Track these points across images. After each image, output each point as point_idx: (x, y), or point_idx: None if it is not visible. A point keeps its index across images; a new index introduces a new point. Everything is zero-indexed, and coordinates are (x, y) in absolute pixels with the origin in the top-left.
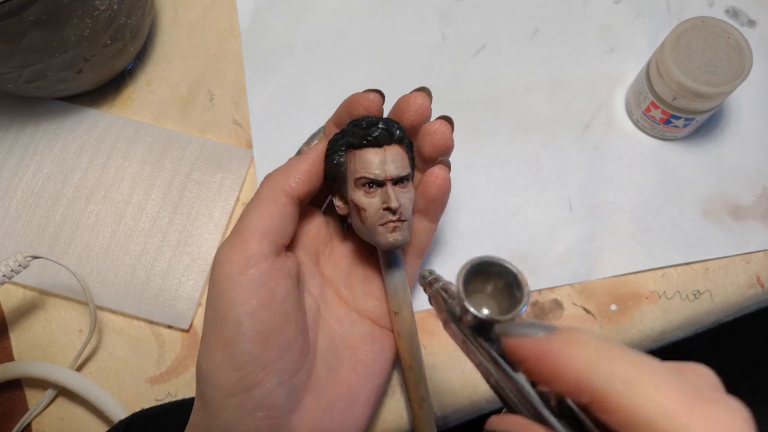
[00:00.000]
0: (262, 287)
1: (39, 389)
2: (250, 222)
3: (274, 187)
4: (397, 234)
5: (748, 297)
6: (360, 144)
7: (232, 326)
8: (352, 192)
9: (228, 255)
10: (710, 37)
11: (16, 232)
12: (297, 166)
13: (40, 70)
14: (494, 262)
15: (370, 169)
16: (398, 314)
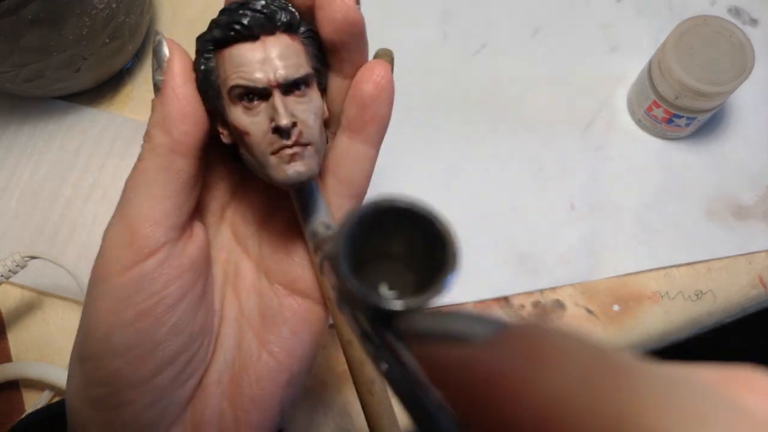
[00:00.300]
0: (144, 293)
1: (36, 390)
2: (137, 205)
3: (159, 152)
4: (298, 164)
5: (750, 297)
6: (227, 37)
7: (98, 341)
8: (230, 111)
9: (107, 249)
10: (712, 36)
11: (14, 231)
12: (170, 111)
13: (39, 69)
14: (395, 207)
15: (245, 73)
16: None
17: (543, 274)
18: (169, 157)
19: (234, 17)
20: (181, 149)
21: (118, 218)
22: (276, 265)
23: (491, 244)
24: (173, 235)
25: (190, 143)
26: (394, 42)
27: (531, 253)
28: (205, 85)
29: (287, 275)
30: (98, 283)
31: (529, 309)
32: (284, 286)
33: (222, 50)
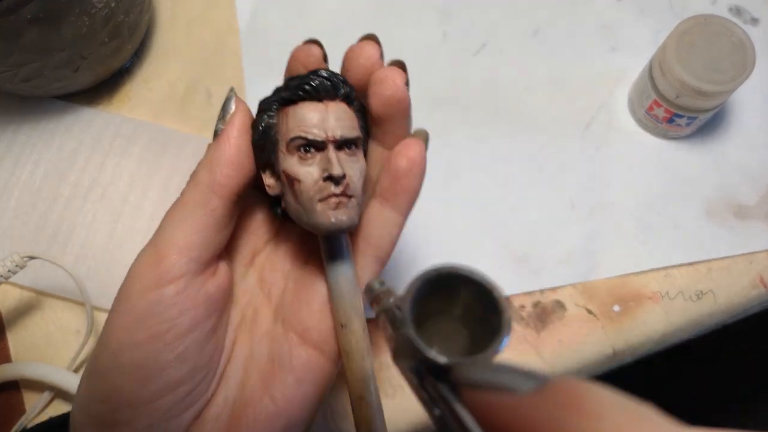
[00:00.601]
0: (158, 317)
1: (36, 391)
2: (169, 234)
3: (200, 189)
4: (341, 212)
5: (751, 298)
6: (294, 97)
7: (108, 356)
8: (284, 160)
9: (135, 270)
10: (713, 35)
11: (14, 231)
12: (219, 155)
13: (37, 68)
14: (461, 274)
15: (306, 127)
16: (345, 327)
17: (543, 274)
18: (207, 195)
19: (305, 80)
20: (219, 190)
21: (150, 243)
22: (293, 314)
23: (491, 244)
24: (195, 267)
25: (228, 186)
26: (394, 42)
27: (531, 253)
28: (264, 139)
29: (302, 324)
30: (120, 300)
31: (529, 309)
32: (298, 334)
33: (286, 108)
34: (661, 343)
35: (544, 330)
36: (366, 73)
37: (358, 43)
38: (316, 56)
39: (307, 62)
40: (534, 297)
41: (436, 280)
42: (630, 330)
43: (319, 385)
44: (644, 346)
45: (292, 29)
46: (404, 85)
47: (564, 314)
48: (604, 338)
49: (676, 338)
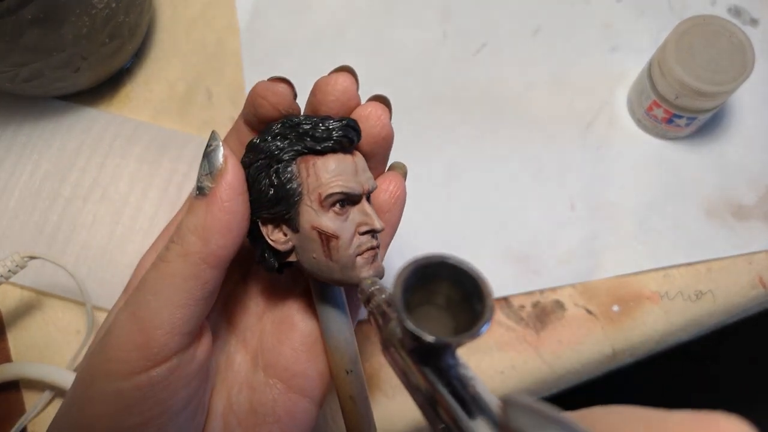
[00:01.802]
0: (150, 401)
1: (36, 391)
2: (155, 310)
3: (191, 260)
4: (377, 265)
5: (750, 298)
6: (326, 150)
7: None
8: (316, 216)
9: (114, 349)
10: (713, 35)
11: (14, 231)
12: (213, 222)
13: (38, 68)
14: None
15: (344, 181)
16: (352, 373)
17: (543, 274)
18: (200, 266)
19: (336, 131)
20: (214, 261)
21: (129, 317)
22: (277, 359)
23: (491, 244)
24: (187, 342)
25: (224, 257)
26: (394, 42)
27: (531, 253)
28: (280, 193)
29: (288, 370)
30: (99, 381)
31: (529, 309)
32: (282, 381)
33: (307, 159)
34: (661, 343)
35: (544, 330)
36: (341, 106)
37: (332, 74)
38: (285, 96)
39: (275, 102)
40: (534, 297)
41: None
42: (629, 330)
43: (305, 431)
44: (644, 346)
45: (292, 29)
46: (389, 122)
47: (564, 314)
48: (604, 338)
49: (676, 338)
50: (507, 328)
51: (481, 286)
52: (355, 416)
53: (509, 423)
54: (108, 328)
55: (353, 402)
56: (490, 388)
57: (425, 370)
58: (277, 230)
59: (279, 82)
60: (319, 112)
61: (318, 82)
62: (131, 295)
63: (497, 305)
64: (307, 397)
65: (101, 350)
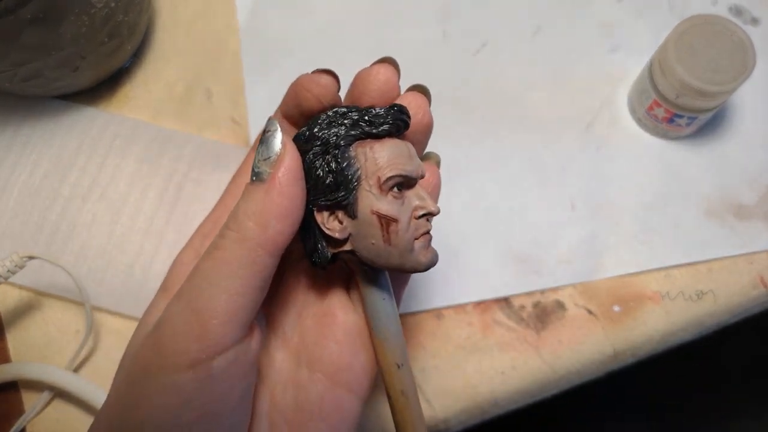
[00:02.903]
0: (209, 394)
1: (35, 391)
2: (211, 298)
3: (247, 245)
4: (433, 249)
5: (751, 298)
6: (383, 134)
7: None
8: (376, 200)
9: (170, 341)
10: (713, 35)
11: (13, 231)
12: (272, 207)
13: (37, 68)
14: None
15: (401, 164)
16: (402, 367)
17: (543, 274)
18: (257, 253)
19: (395, 116)
20: (271, 247)
21: (185, 306)
22: (320, 354)
23: (491, 244)
24: (243, 333)
25: (281, 242)
26: (394, 42)
27: (531, 253)
28: (339, 179)
29: (333, 365)
30: (155, 375)
31: (530, 309)
32: (327, 376)
33: (364, 144)
34: (662, 344)
35: (544, 330)
36: (383, 96)
37: (375, 66)
38: (329, 88)
39: (320, 94)
40: (534, 297)
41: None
42: (630, 330)
43: (351, 428)
44: (645, 346)
45: (292, 29)
46: (429, 110)
47: (564, 314)
48: (605, 338)
49: (677, 338)
50: (507, 329)
51: None
52: (407, 412)
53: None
54: (159, 321)
55: (405, 397)
56: (490, 389)
57: None
58: (332, 217)
59: (323, 74)
60: (361, 103)
61: (360, 74)
62: (183, 286)
63: (497, 305)
64: (353, 392)
65: (154, 344)
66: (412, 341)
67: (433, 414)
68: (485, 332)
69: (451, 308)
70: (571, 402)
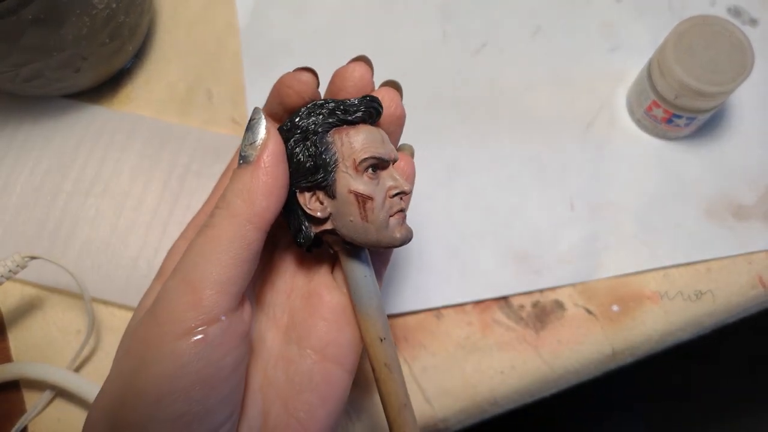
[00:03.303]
0: (204, 360)
1: (37, 390)
2: (204, 269)
3: (237, 221)
4: (407, 226)
5: (750, 298)
6: (357, 120)
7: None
8: (353, 180)
9: (166, 310)
10: (712, 35)
11: (16, 228)
12: (257, 185)
13: (38, 69)
14: None
15: (374, 148)
16: (385, 340)
17: (542, 274)
18: (245, 227)
19: (368, 105)
20: (258, 222)
21: (180, 280)
22: (309, 331)
23: (491, 243)
24: (235, 303)
25: (267, 218)
26: (394, 42)
27: (530, 253)
28: (317, 161)
29: (321, 340)
30: (154, 344)
31: (529, 309)
32: (316, 351)
33: (341, 130)
34: (661, 343)
35: (544, 330)
36: (358, 92)
37: (350, 64)
38: (309, 84)
39: (300, 90)
40: (533, 297)
41: None
42: (629, 330)
43: (341, 400)
44: (643, 346)
45: (292, 29)
46: (401, 103)
47: (563, 314)
48: (604, 338)
49: (676, 338)
50: (507, 328)
51: None
52: (391, 383)
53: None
54: (157, 297)
55: (389, 369)
56: (489, 388)
57: None
58: (313, 198)
59: (304, 72)
60: (339, 96)
61: (337, 72)
62: (178, 263)
63: (496, 305)
64: (341, 366)
65: (152, 317)
66: (412, 341)
67: (433, 413)
68: (485, 332)
69: (451, 308)
70: (570, 401)
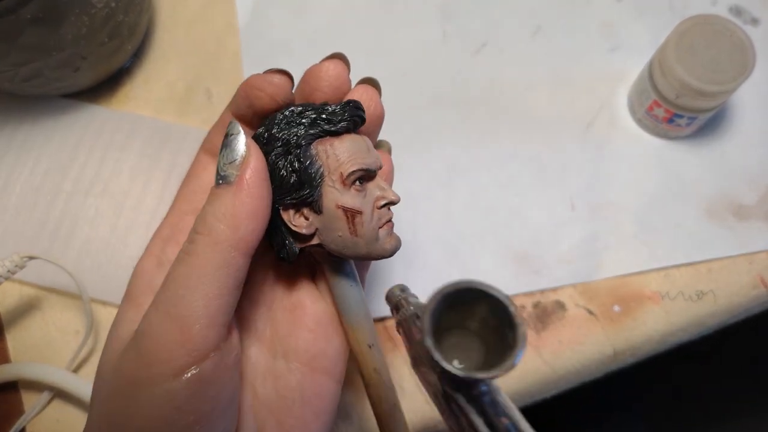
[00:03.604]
0: (201, 397)
1: (35, 391)
2: (190, 303)
3: (221, 248)
4: (395, 235)
5: (751, 298)
6: (341, 130)
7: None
8: (341, 194)
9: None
10: (713, 35)
11: (16, 228)
12: (242, 208)
13: (37, 68)
14: (477, 289)
15: (361, 159)
16: (374, 347)
17: (543, 274)
18: (230, 254)
19: (351, 113)
20: (243, 247)
21: (164, 317)
22: (295, 344)
23: (491, 244)
24: (224, 333)
25: (252, 242)
26: (394, 42)
27: (531, 253)
28: (303, 177)
29: (308, 352)
30: (145, 386)
31: (530, 309)
32: (304, 363)
33: (324, 142)
34: (662, 344)
35: (545, 330)
36: (335, 92)
37: (325, 62)
38: (283, 87)
39: (273, 93)
40: (534, 297)
41: (454, 294)
42: (630, 330)
43: (333, 410)
44: (645, 346)
45: (292, 29)
46: (380, 101)
47: (564, 314)
48: (605, 339)
49: (677, 338)
50: None
51: (512, 313)
52: (381, 388)
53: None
54: (139, 332)
55: (378, 374)
56: None
57: (457, 396)
58: (298, 215)
59: (276, 74)
60: (312, 98)
61: (310, 70)
62: (159, 295)
63: None
64: (330, 376)
65: (138, 356)
66: None
67: (433, 414)
68: None
69: None
70: (571, 402)
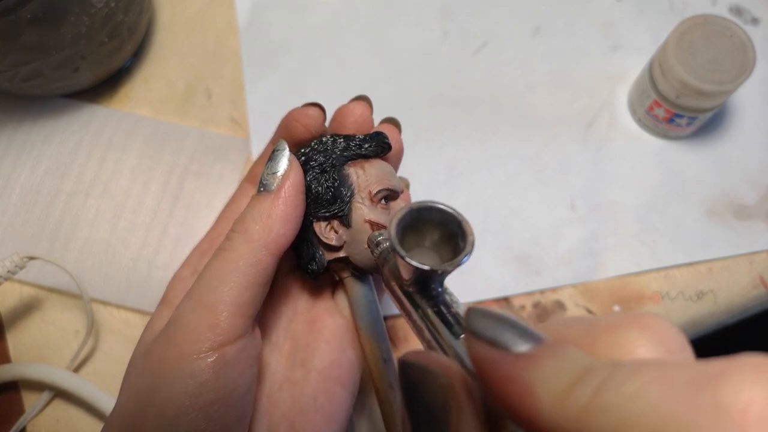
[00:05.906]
0: (222, 379)
1: (35, 391)
2: (221, 292)
3: (253, 246)
4: None
5: (751, 298)
6: (371, 154)
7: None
8: (370, 211)
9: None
10: (713, 35)
11: (16, 229)
12: (276, 212)
13: (37, 68)
14: (433, 208)
15: (388, 180)
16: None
17: (543, 274)
18: (261, 252)
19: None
20: (273, 248)
21: (197, 302)
22: (314, 354)
23: (491, 244)
24: (249, 325)
25: (282, 244)
26: (394, 42)
27: (531, 253)
28: (337, 193)
29: (324, 361)
30: (173, 365)
31: (530, 309)
32: (320, 372)
33: (356, 163)
34: None
35: None
36: (359, 129)
37: (351, 103)
38: (317, 119)
39: (308, 124)
40: (534, 297)
41: (417, 212)
42: None
43: (344, 419)
44: None
45: (292, 29)
46: (401, 138)
47: (564, 315)
48: None
49: None
50: None
51: (464, 226)
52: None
53: (470, 327)
54: (171, 319)
55: (392, 389)
56: None
57: (417, 297)
58: (329, 227)
59: (311, 107)
60: (340, 132)
61: (339, 110)
62: (193, 287)
63: (497, 305)
64: (344, 386)
65: (169, 338)
66: (412, 341)
67: None
68: None
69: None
70: None
